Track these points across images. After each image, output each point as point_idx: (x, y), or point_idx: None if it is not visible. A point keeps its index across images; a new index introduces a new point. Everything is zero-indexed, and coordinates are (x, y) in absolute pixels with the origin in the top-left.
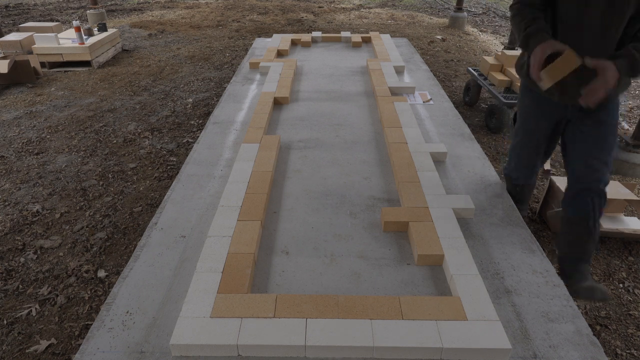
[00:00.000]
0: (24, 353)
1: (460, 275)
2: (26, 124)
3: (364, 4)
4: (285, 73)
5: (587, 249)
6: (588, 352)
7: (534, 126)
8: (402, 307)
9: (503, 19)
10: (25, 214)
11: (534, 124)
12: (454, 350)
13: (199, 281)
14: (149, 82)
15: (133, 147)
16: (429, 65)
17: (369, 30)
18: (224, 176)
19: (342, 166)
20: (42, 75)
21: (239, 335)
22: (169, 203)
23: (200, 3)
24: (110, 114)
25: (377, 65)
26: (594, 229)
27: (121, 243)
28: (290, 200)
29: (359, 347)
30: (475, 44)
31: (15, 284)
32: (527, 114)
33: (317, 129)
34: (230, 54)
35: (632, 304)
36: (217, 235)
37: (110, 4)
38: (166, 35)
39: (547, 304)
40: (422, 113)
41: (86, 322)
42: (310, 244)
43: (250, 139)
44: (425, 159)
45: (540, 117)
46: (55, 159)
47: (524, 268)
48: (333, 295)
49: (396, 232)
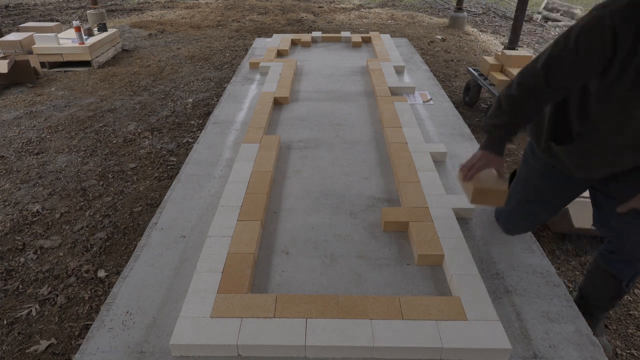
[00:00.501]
0: (24, 353)
1: (460, 275)
2: (26, 124)
3: (364, 4)
4: (285, 73)
5: (613, 303)
6: (588, 352)
7: (535, 195)
8: (402, 307)
9: (503, 19)
10: (25, 214)
11: (534, 191)
12: (454, 350)
13: (199, 281)
14: (149, 82)
15: (133, 147)
16: (429, 65)
17: (369, 30)
18: (224, 176)
19: (342, 166)
20: (42, 75)
21: (239, 335)
22: (169, 203)
23: (200, 3)
24: (110, 114)
25: (377, 65)
26: (627, 289)
27: (121, 243)
28: (290, 200)
29: (359, 347)
30: (475, 44)
31: (15, 284)
32: (528, 178)
33: (317, 129)
34: (230, 54)
35: (632, 304)
36: (217, 235)
37: (110, 4)
38: (166, 35)
39: (547, 304)
40: (422, 113)
41: (86, 322)
42: (310, 244)
43: (250, 139)
44: (425, 159)
45: (548, 185)
46: (55, 159)
47: (524, 268)
48: (333, 295)
49: (396, 232)
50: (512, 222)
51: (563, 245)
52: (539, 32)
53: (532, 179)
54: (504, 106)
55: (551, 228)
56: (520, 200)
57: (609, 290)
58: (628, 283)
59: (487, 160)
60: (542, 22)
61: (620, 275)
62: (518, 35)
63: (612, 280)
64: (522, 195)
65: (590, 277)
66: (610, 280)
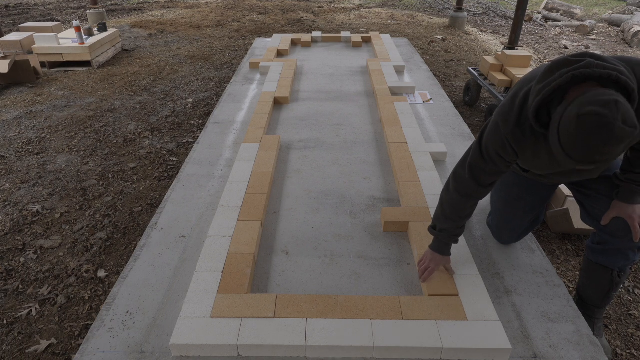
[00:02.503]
0: (24, 353)
1: (460, 275)
2: (26, 124)
3: (364, 4)
4: (285, 73)
5: (608, 297)
6: (588, 352)
7: (518, 197)
8: (402, 307)
9: (503, 19)
10: (25, 214)
11: (517, 195)
12: (454, 350)
13: (199, 281)
14: (149, 82)
15: (133, 147)
16: (429, 65)
17: (369, 30)
18: (224, 176)
19: (342, 166)
20: (42, 75)
21: (239, 335)
22: (169, 203)
23: (200, 3)
24: (110, 114)
25: (377, 65)
26: (618, 280)
27: (121, 243)
28: (290, 200)
29: (359, 347)
30: (475, 44)
31: (15, 284)
32: (510, 183)
33: (317, 129)
34: (230, 54)
35: (632, 304)
36: (217, 235)
37: (110, 4)
38: (166, 35)
39: (547, 304)
40: (422, 113)
41: (86, 322)
42: (310, 244)
43: (250, 139)
44: (425, 159)
45: (529, 189)
46: (55, 159)
47: (524, 268)
48: (333, 295)
49: (396, 232)
50: (502, 225)
51: (563, 245)
52: (539, 32)
53: (508, 182)
54: (447, 211)
55: (551, 228)
56: (505, 201)
57: (603, 284)
58: (620, 273)
59: (436, 261)
60: (542, 22)
61: (611, 265)
62: (518, 35)
63: (603, 271)
64: (504, 195)
65: (583, 274)
66: (601, 271)
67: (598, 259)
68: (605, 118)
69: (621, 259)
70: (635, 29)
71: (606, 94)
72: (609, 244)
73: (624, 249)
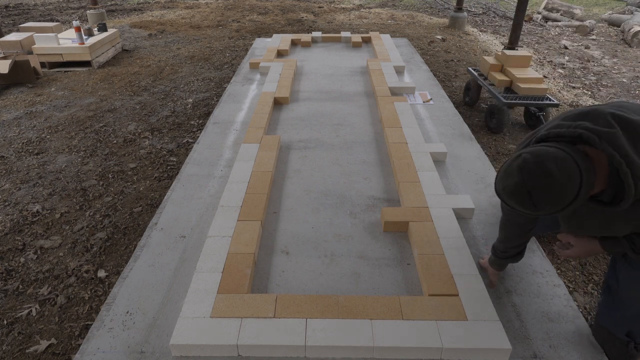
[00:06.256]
0: (24, 353)
1: (460, 275)
2: (26, 124)
3: (364, 4)
4: (285, 73)
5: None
6: (588, 352)
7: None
8: (402, 307)
9: (503, 19)
10: (25, 214)
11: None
12: (454, 350)
13: (199, 281)
14: (149, 82)
15: (133, 147)
16: (429, 65)
17: (369, 30)
18: (224, 176)
19: (342, 166)
20: (42, 75)
21: (239, 335)
22: (169, 203)
23: (200, 3)
24: (110, 114)
25: (377, 65)
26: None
27: (121, 243)
28: (290, 200)
29: (359, 347)
30: (475, 44)
31: (15, 284)
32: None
33: (317, 129)
34: (230, 54)
35: None
36: (217, 235)
37: (110, 4)
38: (166, 35)
39: (547, 304)
40: (422, 113)
41: (86, 322)
42: (310, 244)
43: (250, 139)
44: (425, 159)
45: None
46: (55, 159)
47: (524, 268)
48: (333, 295)
49: (396, 232)
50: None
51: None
52: (539, 32)
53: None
54: (501, 235)
55: None
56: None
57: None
58: (637, 345)
59: (494, 275)
60: (542, 22)
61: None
62: (518, 35)
63: (616, 344)
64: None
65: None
66: (614, 344)
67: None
68: (523, 185)
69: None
70: (635, 29)
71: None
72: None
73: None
